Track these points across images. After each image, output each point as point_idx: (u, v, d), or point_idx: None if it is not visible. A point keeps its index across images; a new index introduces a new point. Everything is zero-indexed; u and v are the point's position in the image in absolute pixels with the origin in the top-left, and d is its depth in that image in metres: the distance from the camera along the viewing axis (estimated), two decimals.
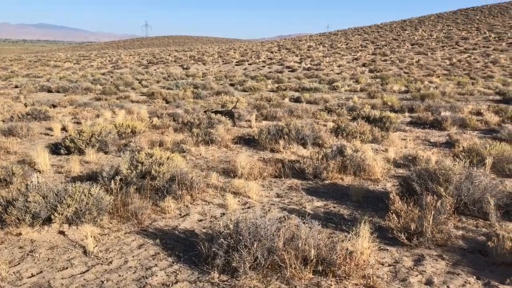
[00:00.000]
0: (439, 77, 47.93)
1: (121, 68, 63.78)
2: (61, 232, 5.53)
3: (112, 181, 6.37)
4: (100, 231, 5.62)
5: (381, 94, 29.31)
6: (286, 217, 6.17)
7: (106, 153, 10.40)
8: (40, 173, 8.51)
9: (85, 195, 5.58)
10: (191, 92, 29.91)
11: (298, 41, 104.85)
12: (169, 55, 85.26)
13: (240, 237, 4.40)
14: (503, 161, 8.62)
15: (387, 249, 5.10)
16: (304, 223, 5.30)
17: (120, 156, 10.12)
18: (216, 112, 15.84)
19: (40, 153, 9.06)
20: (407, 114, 20.67)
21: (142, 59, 79.21)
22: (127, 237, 5.52)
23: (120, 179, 6.66)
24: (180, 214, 6.31)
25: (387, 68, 59.15)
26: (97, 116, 17.98)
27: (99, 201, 5.68)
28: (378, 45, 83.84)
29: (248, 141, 12.10)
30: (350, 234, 4.89)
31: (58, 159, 9.88)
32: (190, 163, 9.56)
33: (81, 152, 10.15)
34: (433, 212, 4.94)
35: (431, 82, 40.55)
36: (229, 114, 15.67)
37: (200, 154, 10.36)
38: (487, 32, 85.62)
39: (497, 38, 79.16)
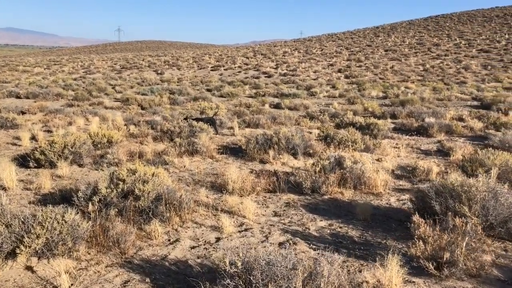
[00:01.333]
0: (413, 82, 48.31)
1: (94, 73, 62.02)
2: (29, 268, 4.65)
3: (90, 203, 5.53)
4: (76, 264, 4.76)
5: (361, 100, 29.06)
6: (290, 241, 5.44)
7: (80, 166, 9.47)
8: (5, 190, 7.56)
9: (58, 222, 4.73)
10: (167, 98, 28.98)
11: (273, 47, 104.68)
12: (143, 60, 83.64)
13: (251, 278, 3.63)
14: (509, 172, 8.13)
15: (413, 281, 4.43)
16: (314, 249, 4.59)
17: (96, 169, 9.23)
18: (196, 120, 15.04)
19: (5, 166, 8.09)
20: (389, 120, 20.31)
21: (115, 64, 77.37)
22: (108, 271, 4.68)
23: (99, 200, 5.81)
24: (169, 240, 5.50)
25: (362, 74, 59.36)
26: (70, 123, 16.90)
27: (74, 229, 4.82)
28: (352, 51, 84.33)
29: (235, 151, 11.35)
30: (374, 264, 4.19)
31: (27, 173, 8.90)
32: (174, 176, 8.74)
33: (52, 165, 9.20)
34: (466, 238, 4.30)
35: (407, 87, 40.69)
36: (211, 122, 14.88)
37: (184, 166, 9.55)
38: (457, 39, 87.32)
39: (467, 45, 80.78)
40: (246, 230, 5.86)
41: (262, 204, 7.04)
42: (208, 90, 39.77)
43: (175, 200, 6.05)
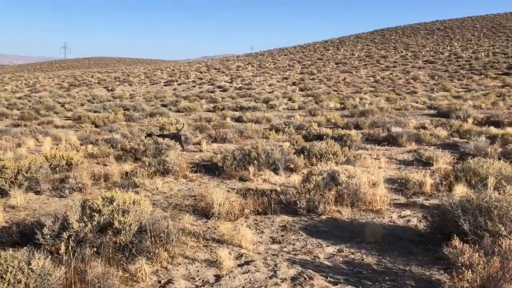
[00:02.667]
0: (366, 93, 49.12)
1: (40, 91, 59.01)
2: None
3: (62, 243, 4.54)
4: None
5: (321, 112, 28.90)
6: (304, 275, 4.68)
7: (37, 193, 8.29)
8: None
9: (22, 271, 3.74)
10: (122, 115, 27.62)
11: (226, 61, 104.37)
12: (92, 76, 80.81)
13: None
14: (505, 180, 7.77)
15: None
16: (334, 284, 3.86)
17: (57, 196, 8.11)
18: (160, 136, 14.05)
19: None
20: (354, 131, 20.08)
21: (62, 81, 74.19)
22: None
23: (69, 237, 4.83)
24: (160, 282, 4.59)
25: (316, 86, 59.91)
26: (18, 145, 15.42)
27: (44, 279, 3.85)
28: (304, 64, 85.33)
29: (208, 169, 10.49)
30: None
31: None
32: (147, 201, 7.78)
33: (3, 193, 8.00)
34: None
35: (362, 98, 41.13)
36: (176, 138, 13.93)
37: (157, 188, 8.60)
38: (403, 51, 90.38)
39: (413, 56, 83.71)
40: (247, 263, 5.04)
41: (256, 229, 6.25)
42: (164, 105, 38.57)
43: (162, 232, 5.15)
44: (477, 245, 4.30)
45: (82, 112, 30.41)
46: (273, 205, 6.90)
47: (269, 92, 54.67)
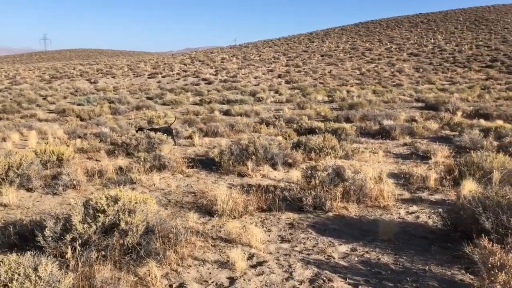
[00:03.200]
0: (352, 86, 49.18)
1: (20, 83, 57.63)
2: None
3: (69, 248, 4.26)
4: None
5: (310, 105, 28.74)
6: (322, 277, 4.48)
7: (29, 190, 7.93)
8: None
9: (29, 279, 3.47)
10: (108, 108, 27.07)
11: (210, 53, 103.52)
12: (74, 69, 79.31)
13: None
14: (510, 175, 7.70)
15: None
16: (354, 286, 3.68)
17: (50, 194, 7.77)
18: (152, 130, 13.72)
19: None
20: (347, 124, 19.97)
21: (43, 73, 72.61)
22: None
23: (72, 239, 4.55)
24: (171, 286, 4.35)
25: (302, 79, 59.76)
26: (3, 139, 14.91)
27: (53, 287, 3.58)
28: (290, 56, 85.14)
29: (204, 164, 10.22)
30: None
31: None
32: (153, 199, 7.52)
33: None
34: None
35: (349, 91, 41.11)
36: (168, 132, 13.60)
37: (154, 185, 8.32)
38: (388, 43, 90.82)
39: (398, 49, 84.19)
40: (260, 264, 4.83)
41: (262, 227, 6.03)
42: (149, 98, 37.97)
43: (170, 232, 4.90)
44: (503, 244, 4.16)
45: (66, 105, 29.75)
46: (277, 202, 6.69)
47: (255, 85, 54.31)
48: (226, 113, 25.83)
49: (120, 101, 32.74)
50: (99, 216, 4.68)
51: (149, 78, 66.01)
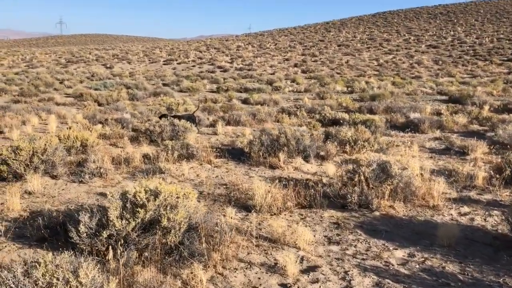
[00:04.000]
0: (370, 77, 48.32)
1: (37, 67, 57.70)
2: None
3: (110, 249, 3.86)
4: None
5: (330, 95, 28.14)
6: (384, 287, 4.03)
7: (54, 177, 7.58)
8: None
9: (70, 285, 3.07)
10: (125, 93, 26.74)
11: (225, 41, 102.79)
12: (90, 53, 79.26)
13: None
14: None
15: None
16: None
17: (75, 182, 7.41)
18: (174, 117, 13.34)
19: None
20: (364, 115, 19.37)
21: (59, 57, 72.65)
22: None
23: (109, 236, 4.16)
24: None
25: (318, 68, 58.96)
26: (23, 123, 14.64)
27: None
28: (306, 46, 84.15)
29: (232, 154, 9.78)
30: None
31: None
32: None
33: (17, 177, 7.30)
34: None
35: (367, 82, 40.30)
36: (191, 119, 13.20)
37: (183, 175, 7.92)
38: (406, 35, 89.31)
39: (416, 40, 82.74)
40: (312, 269, 4.39)
41: (305, 226, 5.59)
42: (165, 84, 37.60)
43: (215, 231, 4.49)
44: None
45: (83, 89, 29.52)
46: (319, 198, 6.24)
47: (271, 74, 53.73)
48: (245, 101, 25.36)
49: (137, 87, 32.44)
50: (138, 211, 4.28)
51: (164, 64, 65.69)
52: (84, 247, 4.14)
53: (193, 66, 63.83)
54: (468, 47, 71.96)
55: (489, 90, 30.79)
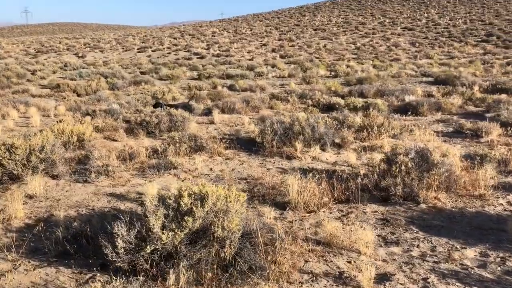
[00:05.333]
0: (349, 60, 48.07)
1: (5, 58, 55.19)
2: None
3: (171, 273, 3.20)
4: None
5: (317, 80, 27.61)
6: None
7: (55, 177, 6.80)
8: None
9: None
10: (105, 83, 25.59)
11: (199, 27, 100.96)
12: (60, 43, 76.49)
13: None
14: None
15: None
16: None
17: (79, 182, 6.65)
18: (169, 106, 12.61)
19: None
20: (361, 99, 18.96)
21: (28, 47, 69.81)
22: None
23: (153, 251, 3.50)
24: None
25: (297, 53, 58.36)
26: (2, 116, 13.63)
27: None
28: (282, 31, 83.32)
29: (240, 144, 9.12)
30: None
31: None
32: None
33: (14, 179, 6.50)
34: None
35: (348, 66, 39.97)
36: (186, 108, 12.49)
37: (196, 169, 7.25)
38: (381, 17, 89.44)
39: (391, 23, 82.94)
40: (386, 278, 3.83)
41: (347, 223, 5.04)
42: (142, 73, 36.37)
43: (274, 240, 3.88)
44: None
45: (59, 80, 28.21)
46: (358, 192, 5.69)
47: (249, 59, 52.84)
48: (230, 88, 24.59)
49: (114, 76, 31.23)
50: (185, 220, 3.62)
51: (138, 52, 63.93)
52: (122, 265, 3.48)
53: (169, 53, 62.32)
54: (442, 29, 72.58)
55: (471, 71, 30.84)
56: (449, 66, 36.59)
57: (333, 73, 33.26)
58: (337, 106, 15.95)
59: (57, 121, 9.51)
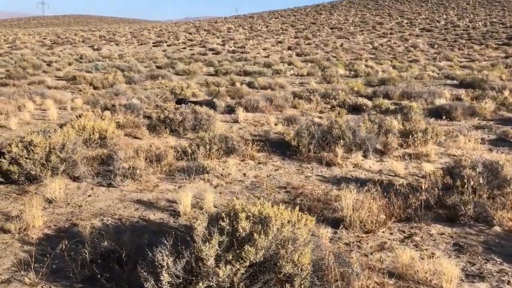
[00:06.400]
0: (367, 60, 47.18)
1: (21, 48, 55.04)
2: None
3: None
4: None
5: (337, 79, 26.82)
6: None
7: (76, 179, 6.18)
8: None
9: None
10: (121, 76, 25.06)
11: (215, 23, 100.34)
12: (75, 35, 76.35)
13: None
14: None
15: None
16: None
17: (102, 186, 6.02)
18: (192, 103, 11.97)
19: None
20: (387, 101, 18.17)
21: (44, 39, 69.66)
22: None
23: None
24: None
25: (313, 52, 57.45)
26: (18, 108, 13.10)
27: None
28: (298, 28, 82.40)
29: (273, 146, 8.42)
30: None
31: None
32: (225, 193, 5.83)
33: (31, 179, 5.89)
34: None
35: (367, 66, 39.08)
36: (210, 106, 11.83)
37: (229, 174, 6.59)
38: (399, 18, 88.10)
39: (409, 24, 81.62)
40: None
41: (417, 249, 4.34)
42: (158, 67, 35.82)
43: (345, 273, 3.21)
44: None
45: (75, 72, 27.80)
46: (421, 209, 4.98)
47: (265, 56, 52.08)
48: (249, 85, 23.92)
49: (130, 69, 30.74)
50: (246, 250, 2.96)
51: (154, 46, 63.52)
52: None
53: (184, 48, 61.77)
54: (462, 31, 71.18)
55: (497, 74, 29.83)
56: (472, 69, 35.54)
57: (352, 72, 32.40)
58: (364, 107, 15.23)
59: (76, 116, 8.90)
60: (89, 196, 5.67)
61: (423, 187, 5.23)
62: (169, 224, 4.88)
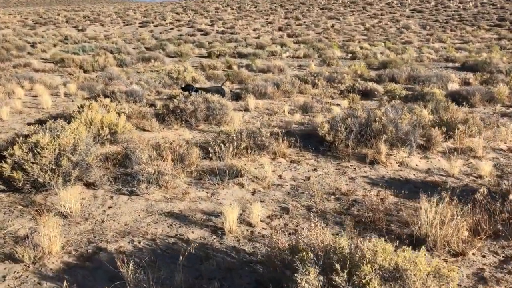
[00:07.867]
0: (360, 42, 46.37)
1: (1, 28, 52.85)
2: None
3: None
4: None
5: (337, 62, 25.92)
6: None
7: (90, 186, 5.25)
8: None
9: None
10: (113, 59, 23.81)
11: (201, 2, 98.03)
12: (58, 14, 73.72)
13: None
14: None
15: None
16: None
17: (123, 194, 5.12)
18: (199, 90, 11.02)
19: None
20: (395, 85, 17.38)
21: (26, 18, 67.07)
22: None
23: None
24: None
25: (304, 32, 56.35)
26: (8, 95, 12.01)
27: None
28: (287, 8, 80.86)
29: (302, 140, 7.54)
30: None
31: None
32: (269, 203, 5.01)
33: (37, 187, 4.97)
34: None
35: (362, 47, 38.21)
36: (219, 93, 10.91)
37: (266, 178, 5.73)
38: None
39: (399, 4, 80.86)
40: None
41: None
42: (148, 48, 34.48)
43: None
44: None
45: (63, 54, 26.44)
46: (510, 223, 4.22)
47: (255, 37, 50.80)
48: (247, 68, 22.93)
49: (120, 51, 29.43)
50: None
51: (140, 27, 61.65)
52: None
53: (171, 28, 60.10)
54: (453, 12, 70.64)
55: (497, 56, 29.26)
56: (468, 51, 34.95)
57: (350, 55, 31.50)
58: (375, 92, 14.47)
59: (78, 107, 7.91)
60: (109, 207, 4.78)
61: (510, 196, 4.46)
62: (214, 246, 4.04)
